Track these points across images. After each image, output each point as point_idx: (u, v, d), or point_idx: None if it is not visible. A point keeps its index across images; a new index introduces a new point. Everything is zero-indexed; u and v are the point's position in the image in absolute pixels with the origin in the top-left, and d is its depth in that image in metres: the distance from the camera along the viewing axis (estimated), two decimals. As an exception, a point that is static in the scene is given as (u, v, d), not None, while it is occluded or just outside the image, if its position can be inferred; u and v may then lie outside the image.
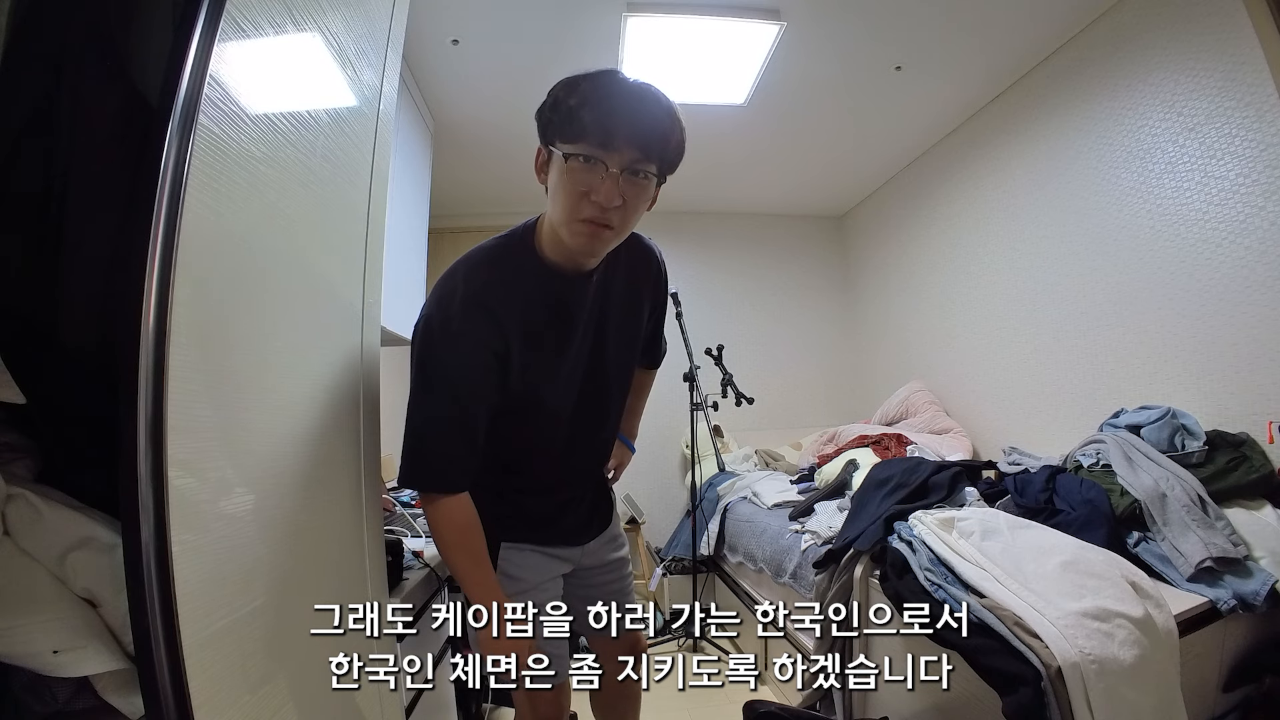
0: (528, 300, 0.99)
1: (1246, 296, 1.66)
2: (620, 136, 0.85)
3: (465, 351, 0.96)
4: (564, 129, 0.87)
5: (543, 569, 1.16)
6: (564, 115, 0.86)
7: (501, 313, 0.97)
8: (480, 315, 0.96)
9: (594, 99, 0.85)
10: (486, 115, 2.63)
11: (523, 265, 1.00)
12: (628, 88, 0.88)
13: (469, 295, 0.96)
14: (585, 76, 0.88)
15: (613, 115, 0.85)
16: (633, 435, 1.46)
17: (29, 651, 0.67)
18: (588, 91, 0.86)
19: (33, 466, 0.78)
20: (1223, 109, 1.70)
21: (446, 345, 0.96)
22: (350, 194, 1.04)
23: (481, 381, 0.97)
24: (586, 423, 1.13)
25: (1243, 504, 1.47)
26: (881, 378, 3.59)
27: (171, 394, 0.58)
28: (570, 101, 0.86)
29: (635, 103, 0.87)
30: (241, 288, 0.73)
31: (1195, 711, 1.20)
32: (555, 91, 0.89)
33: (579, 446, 1.15)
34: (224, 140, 0.66)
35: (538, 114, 0.91)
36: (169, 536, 0.57)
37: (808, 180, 3.54)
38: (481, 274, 0.99)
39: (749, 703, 1.53)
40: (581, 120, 0.85)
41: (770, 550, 2.29)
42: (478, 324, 0.96)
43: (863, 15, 2.07)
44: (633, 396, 1.32)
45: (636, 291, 1.12)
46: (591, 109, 0.84)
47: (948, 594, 1.29)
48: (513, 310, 0.98)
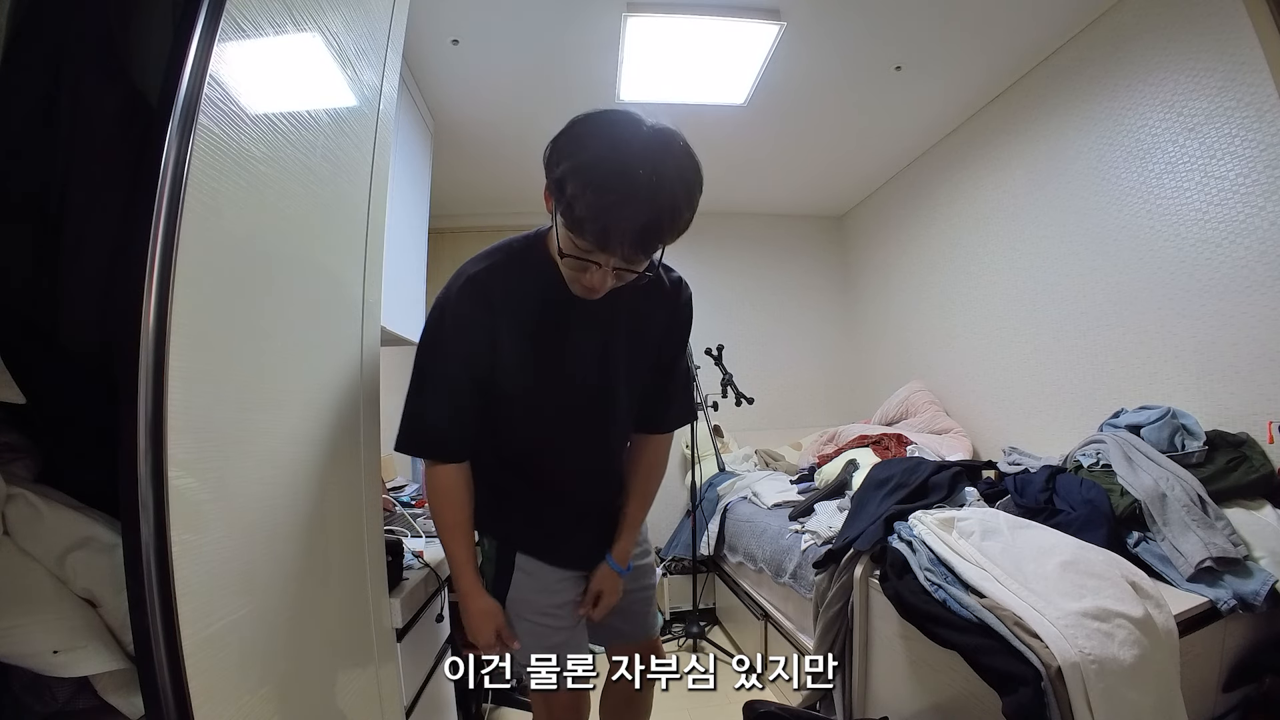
0: (526, 293, 1.02)
1: (1246, 296, 1.66)
2: (616, 240, 0.82)
3: (457, 330, 1.01)
4: (566, 213, 0.84)
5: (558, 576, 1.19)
6: (566, 200, 0.83)
7: (497, 300, 1.01)
8: (475, 298, 1.01)
9: (594, 203, 0.80)
10: (486, 115, 2.63)
11: (528, 260, 1.04)
12: (635, 182, 0.80)
13: (468, 280, 1.01)
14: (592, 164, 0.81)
15: (611, 224, 0.81)
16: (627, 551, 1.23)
17: (29, 651, 0.67)
18: (590, 191, 0.80)
19: (33, 466, 0.78)
20: (1223, 109, 1.70)
21: (442, 324, 1.02)
22: (350, 194, 1.04)
23: (469, 361, 1.02)
24: (589, 425, 1.13)
25: (1243, 504, 1.46)
26: (881, 378, 3.59)
27: (171, 394, 0.58)
28: (570, 189, 0.81)
29: (642, 202, 0.81)
30: (241, 288, 0.73)
31: (1195, 711, 1.20)
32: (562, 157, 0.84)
33: (583, 448, 1.15)
34: (224, 140, 0.66)
35: (546, 160, 0.87)
36: (169, 536, 0.57)
37: (808, 180, 3.54)
38: (484, 263, 1.03)
39: (749, 703, 1.53)
40: (580, 220, 0.82)
41: (770, 550, 2.29)
42: (471, 306, 1.01)
43: (863, 15, 2.07)
44: (640, 474, 1.23)
45: (653, 305, 1.10)
46: (591, 213, 0.80)
47: (948, 594, 1.29)
48: (509, 299, 1.01)
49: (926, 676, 1.40)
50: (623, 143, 0.82)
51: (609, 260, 0.86)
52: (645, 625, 1.32)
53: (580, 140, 0.84)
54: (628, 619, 1.28)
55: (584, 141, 0.83)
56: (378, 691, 1.06)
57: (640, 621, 1.31)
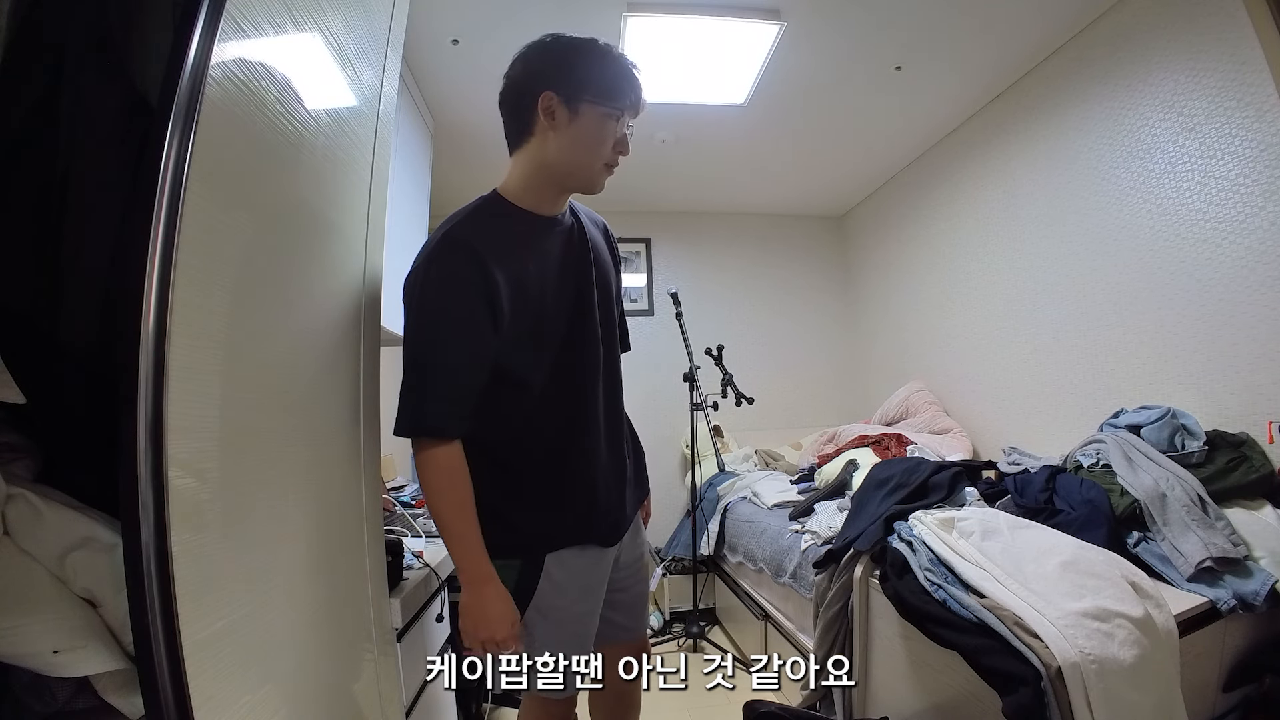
0: (504, 237, 1.04)
1: (1246, 296, 1.66)
2: (639, 92, 1.06)
3: (449, 293, 0.98)
4: (603, 93, 1.02)
5: (587, 574, 1.14)
6: (605, 82, 1.03)
7: (481, 248, 1.00)
8: (461, 255, 0.99)
9: (627, 75, 1.05)
10: (486, 115, 2.59)
11: (495, 211, 1.08)
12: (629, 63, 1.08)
13: (448, 241, 1.01)
14: (607, 50, 1.05)
15: (637, 89, 1.06)
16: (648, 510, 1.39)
17: (29, 651, 0.67)
18: (619, 66, 1.05)
19: (33, 466, 0.78)
20: (1223, 109, 1.70)
21: (429, 290, 0.99)
22: (350, 194, 1.04)
23: (466, 319, 0.99)
24: (600, 355, 1.13)
25: (1243, 504, 1.46)
26: (881, 378, 3.59)
27: (171, 394, 0.58)
28: (610, 71, 1.03)
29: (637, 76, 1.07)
30: (241, 287, 0.73)
31: (1195, 711, 1.20)
32: (578, 54, 1.04)
33: (601, 383, 1.14)
34: (224, 140, 0.66)
35: (551, 66, 1.03)
36: (169, 536, 0.57)
37: (808, 180, 3.54)
38: (450, 223, 1.05)
39: (749, 703, 1.53)
40: (622, 90, 1.04)
41: (770, 550, 2.29)
42: (459, 263, 0.99)
43: (863, 15, 2.07)
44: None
45: (600, 236, 1.21)
46: (628, 83, 1.05)
47: (948, 594, 1.29)
48: (493, 246, 1.01)
49: (926, 676, 1.40)
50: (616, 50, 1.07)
51: (630, 119, 1.07)
52: (645, 622, 1.34)
53: (572, 46, 1.05)
54: (629, 614, 1.27)
55: (596, 48, 1.05)
56: (378, 691, 1.06)
57: (641, 618, 1.32)
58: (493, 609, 1.01)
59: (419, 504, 2.12)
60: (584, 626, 1.14)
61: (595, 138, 1.04)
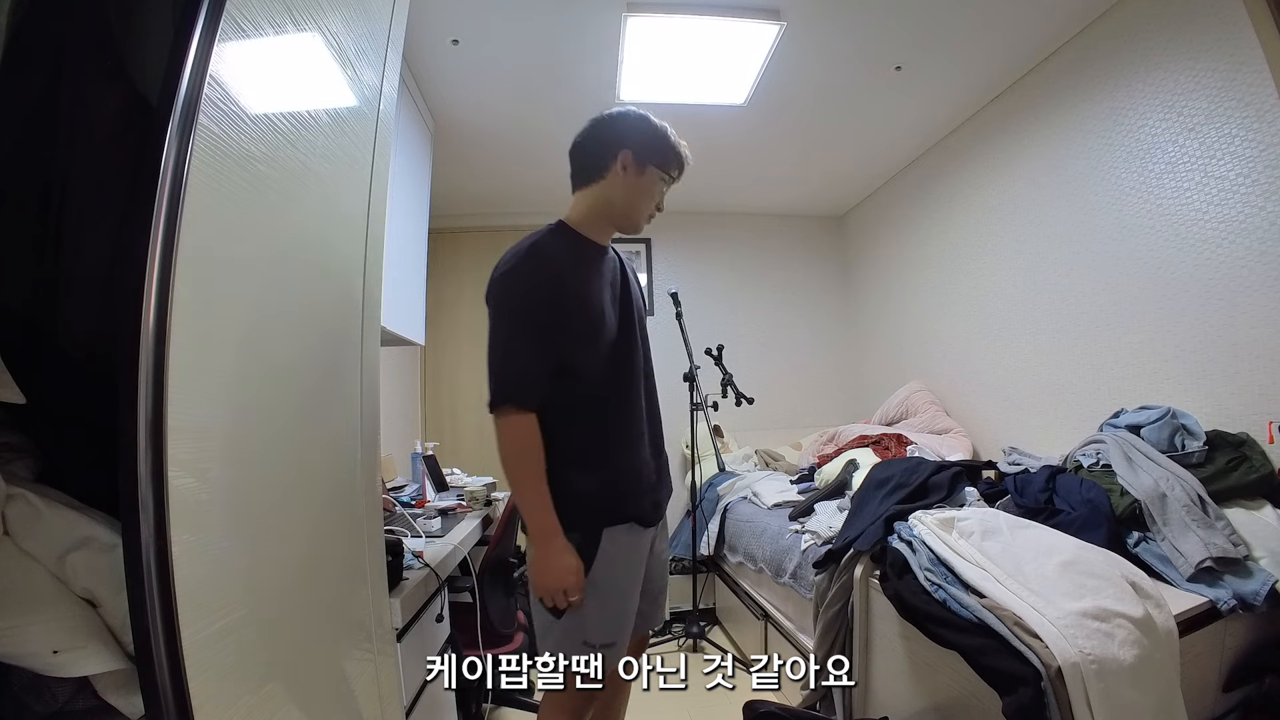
0: (571, 254, 1.27)
1: (1246, 296, 1.66)
2: (680, 178, 1.36)
3: (527, 286, 1.19)
4: (669, 163, 1.31)
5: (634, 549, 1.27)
6: (667, 156, 1.30)
7: (556, 258, 1.23)
8: (537, 260, 1.21)
9: (682, 157, 1.33)
10: (486, 116, 2.63)
11: (566, 235, 1.30)
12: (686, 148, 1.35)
13: (533, 253, 1.22)
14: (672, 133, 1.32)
15: (684, 168, 1.35)
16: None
17: (29, 651, 0.67)
18: (680, 150, 1.32)
19: (33, 466, 0.78)
20: (1223, 109, 1.70)
21: (510, 285, 1.20)
22: (350, 194, 1.04)
23: (538, 308, 1.18)
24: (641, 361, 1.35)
25: (1243, 504, 1.46)
26: (881, 378, 3.59)
27: (171, 394, 0.58)
28: (673, 150, 1.31)
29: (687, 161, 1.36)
30: (241, 288, 0.73)
31: (1195, 711, 1.20)
32: (662, 130, 1.30)
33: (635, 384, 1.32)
34: (224, 140, 0.66)
35: (635, 132, 1.28)
36: (169, 536, 0.57)
37: (808, 180, 3.54)
38: (532, 238, 1.25)
39: (749, 703, 1.53)
40: (679, 166, 1.33)
41: (770, 550, 2.29)
42: (535, 266, 1.20)
43: (863, 15, 2.07)
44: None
45: (633, 272, 1.45)
46: (681, 162, 1.33)
47: (948, 594, 1.29)
48: (565, 257, 1.24)
49: (926, 676, 1.40)
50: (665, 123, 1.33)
51: (668, 187, 1.34)
52: (663, 613, 1.49)
53: (650, 122, 1.30)
54: (652, 603, 1.39)
55: (651, 121, 1.30)
56: (378, 691, 1.06)
57: (660, 608, 1.44)
58: (560, 561, 1.16)
59: (419, 504, 2.12)
60: (628, 602, 1.26)
61: (650, 192, 1.31)
